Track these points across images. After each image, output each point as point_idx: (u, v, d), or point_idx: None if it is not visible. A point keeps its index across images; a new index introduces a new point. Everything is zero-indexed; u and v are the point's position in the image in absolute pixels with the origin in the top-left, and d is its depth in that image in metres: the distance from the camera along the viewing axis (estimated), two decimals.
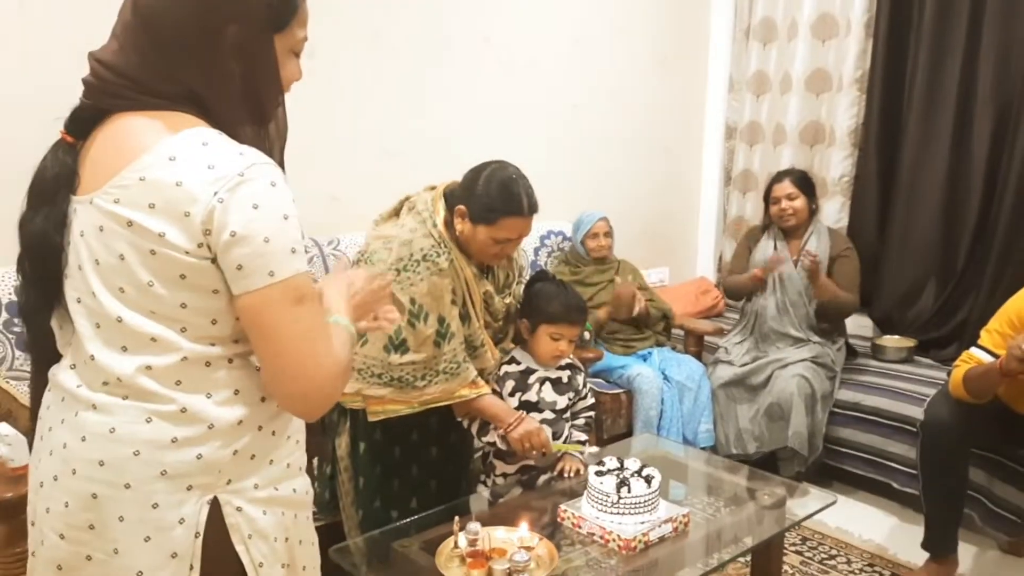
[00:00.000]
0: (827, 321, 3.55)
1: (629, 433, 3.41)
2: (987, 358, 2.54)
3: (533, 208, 2.23)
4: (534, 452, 2.30)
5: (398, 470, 2.35)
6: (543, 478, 2.38)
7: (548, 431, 2.35)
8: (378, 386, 2.18)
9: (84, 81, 1.21)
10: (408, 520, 2.17)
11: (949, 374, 2.70)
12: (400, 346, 2.16)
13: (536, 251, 3.77)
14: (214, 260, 1.15)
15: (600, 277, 3.66)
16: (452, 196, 2.26)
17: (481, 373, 2.33)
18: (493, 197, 2.18)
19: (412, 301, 2.15)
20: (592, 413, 2.52)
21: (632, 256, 3.89)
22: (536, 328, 2.37)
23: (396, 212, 2.34)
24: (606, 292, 3.62)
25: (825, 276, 3.45)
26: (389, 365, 2.17)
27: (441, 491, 2.38)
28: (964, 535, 2.80)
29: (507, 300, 2.40)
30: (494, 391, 2.37)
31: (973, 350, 2.62)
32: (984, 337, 2.62)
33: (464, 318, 2.25)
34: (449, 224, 2.23)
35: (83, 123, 1.21)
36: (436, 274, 2.17)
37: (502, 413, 2.30)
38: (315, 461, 2.47)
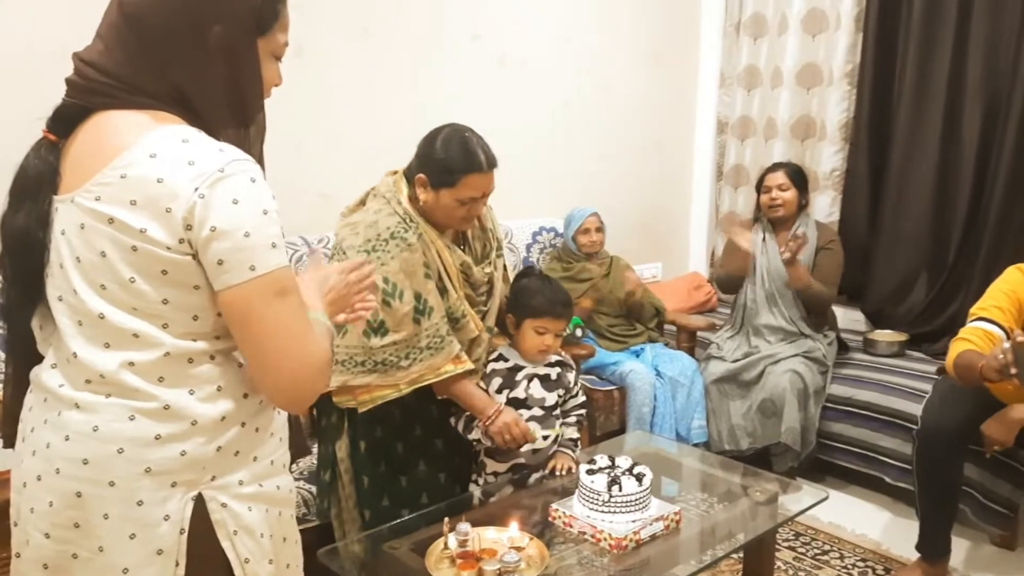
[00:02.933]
0: (812, 311, 3.55)
1: (622, 430, 3.40)
2: (994, 329, 2.55)
3: (492, 163, 2.20)
4: (520, 447, 2.28)
5: (404, 467, 2.32)
6: (534, 476, 2.37)
7: (537, 427, 2.35)
8: (363, 374, 2.16)
9: (68, 81, 1.22)
10: (397, 522, 2.15)
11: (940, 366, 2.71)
12: (379, 329, 2.14)
13: (528, 247, 3.76)
14: (195, 256, 1.15)
15: (592, 273, 3.65)
16: (411, 171, 2.24)
17: (470, 345, 2.31)
18: (451, 158, 2.16)
19: (385, 280, 2.12)
20: (584, 411, 2.50)
21: (624, 251, 3.88)
22: (521, 323, 2.36)
23: (362, 202, 2.32)
24: (598, 288, 3.61)
25: (802, 266, 3.44)
26: (371, 350, 2.15)
27: (451, 484, 2.36)
28: (956, 529, 2.79)
29: (487, 270, 2.37)
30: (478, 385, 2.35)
31: (980, 324, 2.60)
32: (977, 313, 2.63)
33: (441, 291, 2.23)
34: (414, 199, 2.22)
35: (66, 122, 1.22)
36: (406, 250, 2.15)
37: (480, 404, 2.27)
38: (306, 463, 2.46)
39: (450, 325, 2.25)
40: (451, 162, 2.16)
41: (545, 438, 2.36)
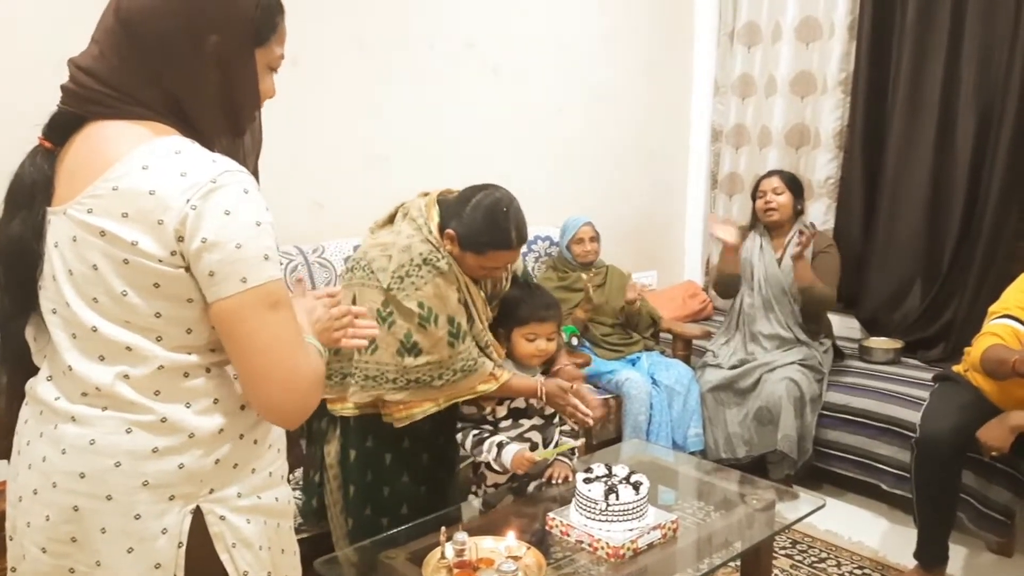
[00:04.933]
0: (808, 317, 3.55)
1: (618, 438, 3.40)
2: (1020, 327, 2.57)
3: (521, 240, 2.24)
4: (525, 466, 2.28)
5: (388, 477, 2.33)
6: (533, 485, 2.36)
7: (538, 437, 2.36)
8: (394, 391, 2.19)
9: (63, 88, 1.21)
10: (395, 531, 2.15)
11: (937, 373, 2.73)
12: (412, 349, 2.17)
13: (523, 256, 3.75)
14: (187, 268, 1.14)
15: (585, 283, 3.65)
16: (444, 207, 2.27)
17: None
18: (481, 229, 2.18)
19: (420, 305, 2.15)
20: None
21: (620, 260, 3.88)
22: (510, 335, 2.38)
23: (391, 219, 2.34)
24: (594, 297, 3.61)
25: (806, 264, 3.44)
26: (404, 369, 2.17)
27: (431, 497, 2.37)
28: (953, 536, 2.80)
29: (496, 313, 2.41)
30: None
31: (1007, 321, 2.62)
32: (1000, 311, 2.65)
33: (468, 319, 2.26)
34: (443, 230, 2.24)
35: (61, 129, 1.21)
36: (439, 276, 2.18)
37: (527, 390, 2.31)
38: (301, 470, 2.46)
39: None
40: (480, 233, 2.18)
41: (527, 483, 2.36)
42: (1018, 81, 3.47)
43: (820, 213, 4.10)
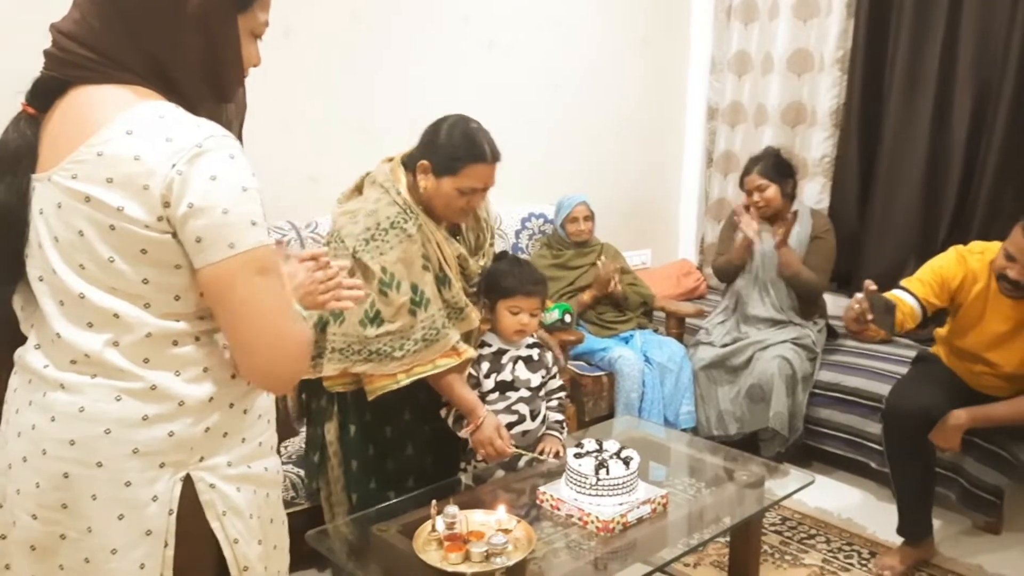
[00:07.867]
0: (804, 300, 3.55)
1: (611, 415, 3.41)
2: (905, 296, 2.65)
3: (496, 155, 2.22)
4: (494, 455, 2.29)
5: (392, 450, 2.33)
6: (524, 459, 2.37)
7: (526, 409, 2.37)
8: (360, 362, 2.17)
9: (46, 53, 1.20)
10: (384, 504, 2.15)
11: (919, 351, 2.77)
12: (375, 319, 2.15)
13: (517, 234, 3.76)
14: (174, 234, 1.14)
15: (582, 260, 3.65)
16: (412, 159, 2.25)
17: (469, 336, 2.33)
18: (456, 146, 2.17)
19: (383, 270, 2.13)
20: (563, 393, 2.52)
21: (614, 239, 3.88)
22: (495, 306, 2.38)
23: (358, 189, 2.32)
24: (588, 275, 3.61)
25: (792, 252, 3.44)
26: (366, 339, 2.15)
27: (438, 468, 2.37)
28: (941, 513, 2.82)
29: (481, 263, 2.39)
30: (471, 375, 2.36)
31: (895, 291, 2.71)
32: (902, 284, 2.74)
33: (443, 281, 2.23)
34: (412, 188, 2.22)
35: (45, 95, 1.20)
36: (405, 240, 2.15)
37: (467, 407, 2.28)
38: (304, 448, 2.46)
39: (454, 316, 2.26)
40: (455, 150, 2.17)
41: (519, 457, 2.37)
42: (1016, 60, 3.46)
43: (815, 192, 4.10)
